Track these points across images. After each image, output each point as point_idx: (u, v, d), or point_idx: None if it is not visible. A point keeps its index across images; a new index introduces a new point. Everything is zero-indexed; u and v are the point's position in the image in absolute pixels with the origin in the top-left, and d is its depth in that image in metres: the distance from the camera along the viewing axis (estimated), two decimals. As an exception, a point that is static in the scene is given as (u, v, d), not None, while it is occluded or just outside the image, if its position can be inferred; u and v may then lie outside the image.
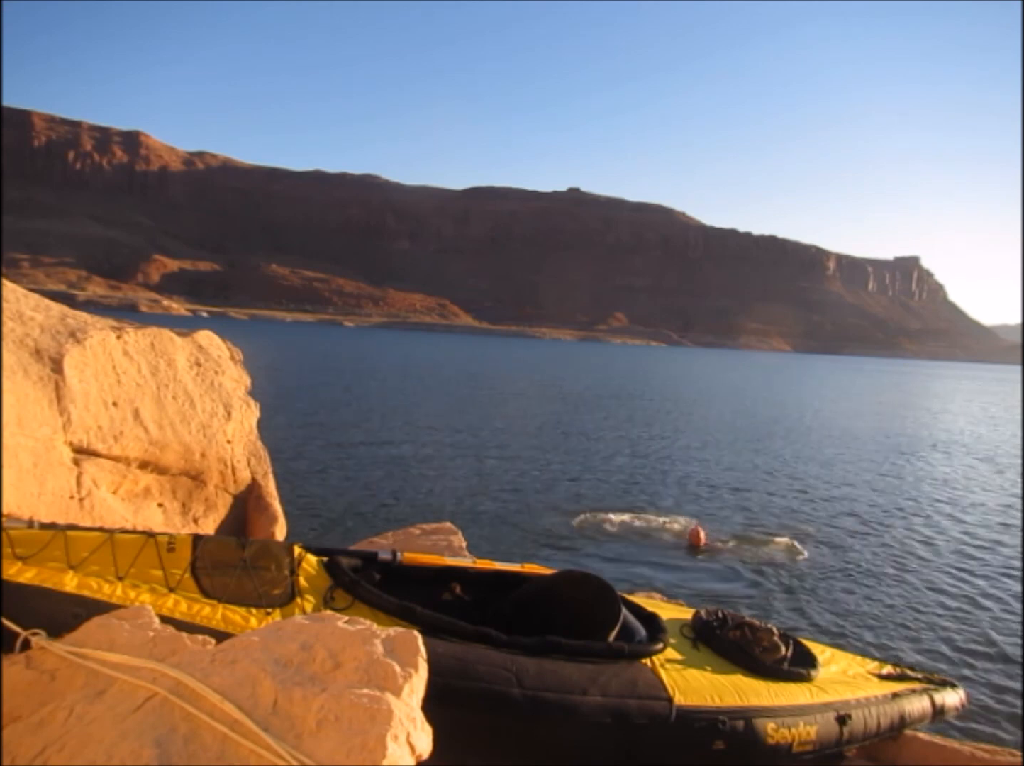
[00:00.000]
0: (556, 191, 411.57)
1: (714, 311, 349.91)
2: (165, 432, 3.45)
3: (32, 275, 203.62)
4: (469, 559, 3.04)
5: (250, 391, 4.24)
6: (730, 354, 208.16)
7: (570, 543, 10.83)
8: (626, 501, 13.88)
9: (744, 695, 2.59)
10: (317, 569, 2.30)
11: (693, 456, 20.08)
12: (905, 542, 12.23)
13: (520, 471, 16.16)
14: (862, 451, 23.25)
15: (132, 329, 3.60)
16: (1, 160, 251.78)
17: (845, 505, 14.84)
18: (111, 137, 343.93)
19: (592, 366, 77.89)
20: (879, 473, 19.15)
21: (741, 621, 2.93)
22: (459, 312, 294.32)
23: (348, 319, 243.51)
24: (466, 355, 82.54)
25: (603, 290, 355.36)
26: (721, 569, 10.06)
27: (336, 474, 14.39)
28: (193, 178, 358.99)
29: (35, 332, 3.11)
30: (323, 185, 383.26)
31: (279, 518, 4.00)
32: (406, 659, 1.42)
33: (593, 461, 18.22)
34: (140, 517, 3.29)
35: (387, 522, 10.47)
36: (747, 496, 15.10)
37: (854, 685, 2.99)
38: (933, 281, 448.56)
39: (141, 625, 1.66)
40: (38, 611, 1.78)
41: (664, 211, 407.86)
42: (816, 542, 11.75)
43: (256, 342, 43.84)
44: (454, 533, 5.22)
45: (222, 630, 1.93)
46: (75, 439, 3.01)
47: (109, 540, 2.05)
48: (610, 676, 2.35)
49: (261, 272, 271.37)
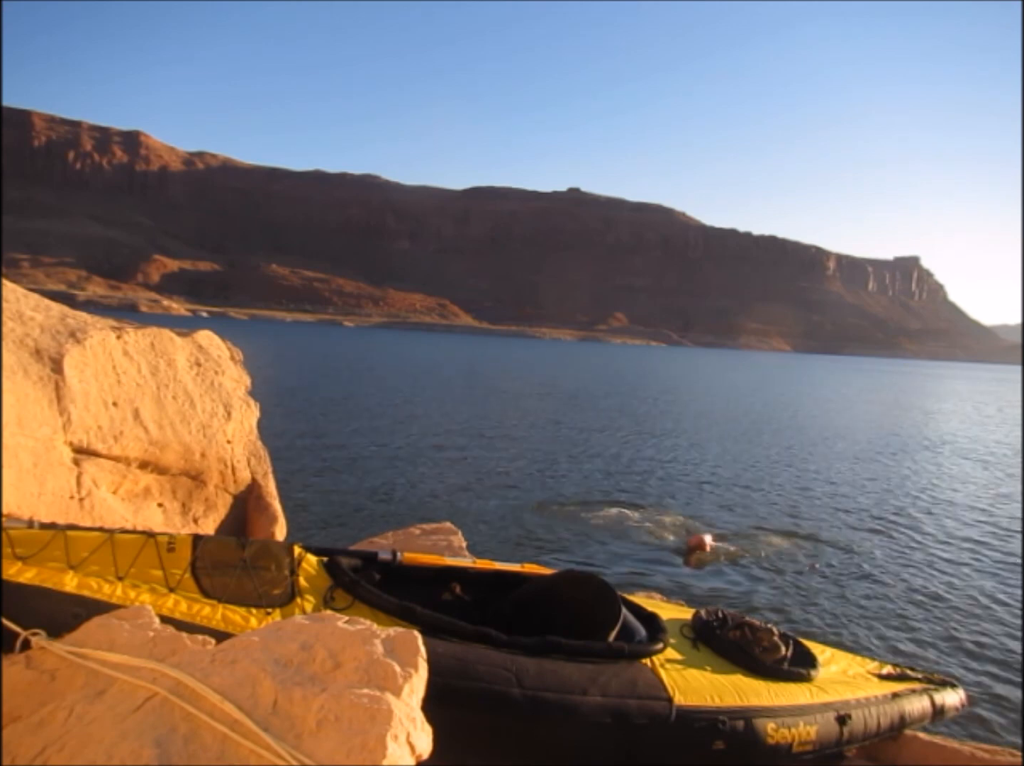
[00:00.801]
0: (556, 191, 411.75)
1: (714, 311, 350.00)
2: (165, 432, 3.45)
3: (32, 275, 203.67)
4: (469, 559, 3.04)
5: (250, 391, 4.24)
6: (730, 354, 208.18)
7: (570, 543, 10.83)
8: (627, 501, 13.87)
9: (744, 695, 2.60)
10: (317, 569, 2.30)
11: (693, 456, 20.08)
12: (904, 541, 12.23)
13: (520, 471, 16.17)
14: (861, 451, 23.26)
15: (132, 329, 3.60)
16: (1, 160, 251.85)
17: (843, 505, 14.84)
18: (111, 137, 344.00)
19: (592, 366, 77.90)
20: (878, 473, 19.16)
21: (741, 621, 2.93)
22: (459, 312, 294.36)
23: (348, 319, 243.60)
24: (466, 355, 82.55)
25: (603, 290, 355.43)
26: (721, 570, 10.05)
27: (336, 474, 14.39)
28: (193, 178, 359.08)
29: (35, 332, 3.11)
30: (323, 185, 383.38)
31: (279, 518, 4.00)
32: (406, 659, 1.42)
33: (594, 461, 18.22)
34: (140, 517, 3.29)
35: (387, 522, 10.46)
36: (745, 494, 15.10)
37: (854, 685, 2.99)
38: (933, 281, 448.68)
39: (141, 625, 1.66)
40: (38, 611, 1.78)
41: (664, 211, 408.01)
42: (814, 543, 11.75)
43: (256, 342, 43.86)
44: (454, 533, 5.22)
45: (222, 630, 1.93)
46: (75, 439, 3.01)
47: (109, 540, 2.05)
48: (610, 676, 2.35)
49: (261, 272, 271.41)
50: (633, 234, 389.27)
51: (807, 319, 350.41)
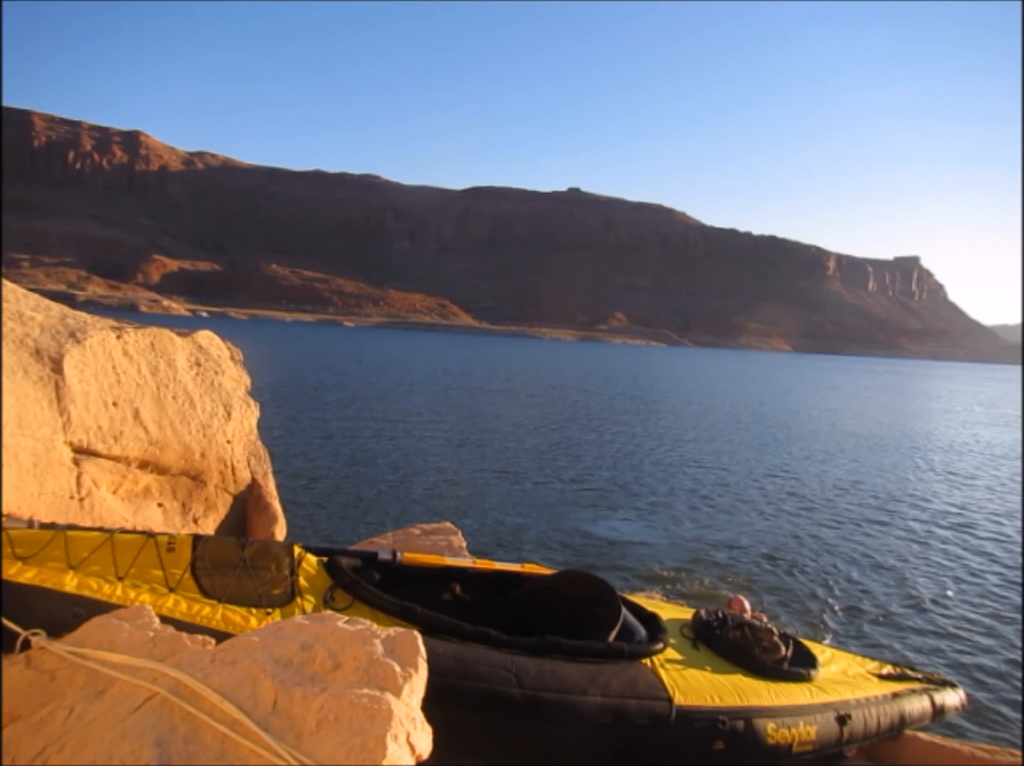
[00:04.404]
0: (556, 191, 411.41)
1: (714, 311, 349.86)
2: (165, 432, 3.45)
3: (32, 275, 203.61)
4: (469, 559, 3.04)
5: (250, 391, 4.24)
6: (729, 354, 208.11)
7: (570, 543, 10.83)
8: (627, 500, 13.88)
9: (744, 695, 2.59)
10: (317, 569, 2.30)
11: (693, 455, 20.07)
12: (904, 541, 12.23)
13: (521, 471, 16.16)
14: (858, 450, 23.26)
15: (132, 329, 3.60)
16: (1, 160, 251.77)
17: (841, 504, 14.84)
18: (111, 137, 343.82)
19: (592, 366, 77.88)
20: (876, 472, 19.16)
21: (741, 621, 2.93)
22: (459, 312, 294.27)
23: (348, 319, 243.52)
24: (466, 355, 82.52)
25: (603, 290, 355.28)
26: (721, 570, 10.05)
27: (336, 474, 14.38)
28: (193, 178, 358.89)
29: (35, 332, 3.11)
30: (323, 185, 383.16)
31: (279, 518, 4.00)
32: (406, 659, 1.42)
33: (594, 460, 18.22)
34: (140, 517, 3.29)
35: (387, 522, 10.46)
36: (740, 493, 15.10)
37: (854, 685, 2.99)
38: (933, 281, 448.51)
39: (141, 625, 1.66)
40: (38, 611, 1.78)
41: (664, 211, 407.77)
42: (813, 542, 11.75)
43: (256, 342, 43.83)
44: (454, 533, 5.22)
45: (222, 630, 1.93)
46: (75, 439, 3.00)
47: (109, 540, 2.05)
48: (610, 676, 2.35)
49: (261, 272, 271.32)
50: (633, 234, 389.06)
51: (807, 319, 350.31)
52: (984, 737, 5.63)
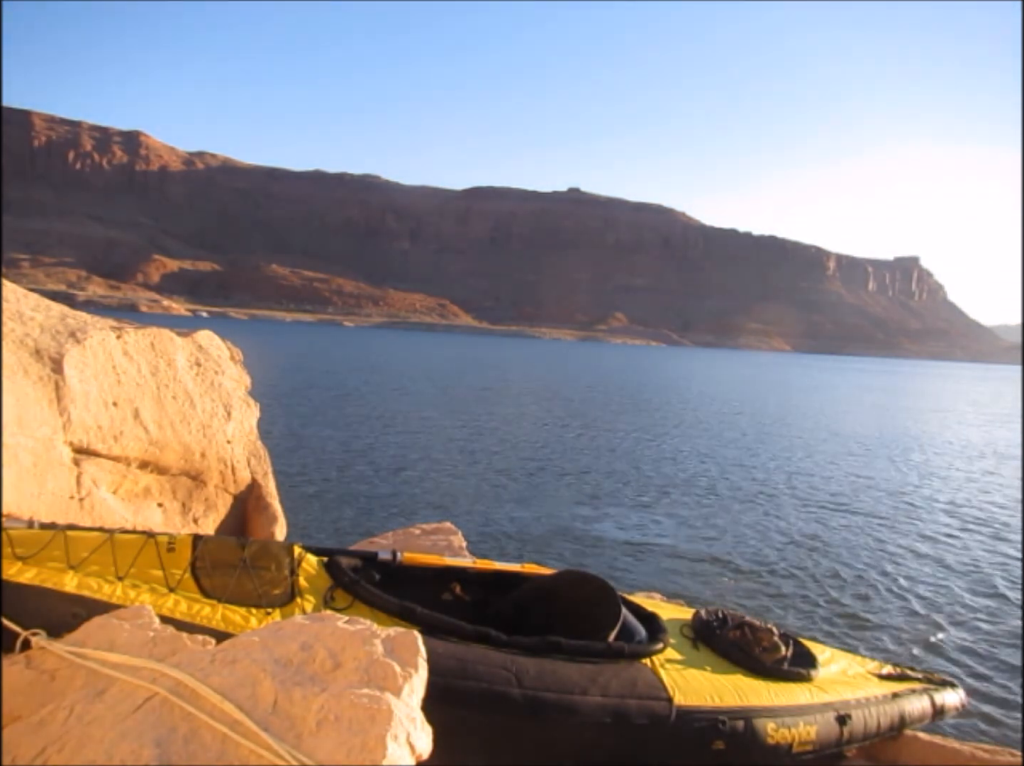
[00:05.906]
0: (556, 191, 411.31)
1: (714, 311, 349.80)
2: (165, 432, 3.45)
3: (32, 275, 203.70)
4: (469, 559, 3.04)
5: (250, 391, 4.24)
6: (729, 354, 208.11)
7: (570, 543, 10.83)
8: (627, 500, 13.88)
9: (744, 695, 2.59)
10: (317, 569, 2.30)
11: (694, 455, 20.08)
12: (903, 541, 12.23)
13: (521, 471, 16.17)
14: (855, 450, 23.26)
15: (132, 329, 3.60)
16: (1, 160, 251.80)
17: (840, 504, 14.84)
18: (111, 137, 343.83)
19: (593, 366, 77.89)
20: (875, 472, 19.16)
21: (741, 621, 2.93)
22: (459, 312, 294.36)
23: (348, 319, 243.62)
24: (466, 355, 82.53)
25: (603, 290, 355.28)
26: (721, 570, 10.06)
27: (336, 474, 14.39)
28: (193, 178, 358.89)
29: (35, 332, 3.11)
30: (323, 185, 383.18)
31: (279, 518, 4.00)
32: (406, 659, 1.42)
33: (594, 460, 18.22)
34: (140, 517, 3.29)
35: (387, 522, 10.47)
36: (741, 494, 15.10)
37: (854, 685, 2.99)
38: (933, 281, 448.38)
39: (141, 625, 1.66)
40: (38, 611, 1.78)
41: (664, 211, 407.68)
42: (812, 543, 11.75)
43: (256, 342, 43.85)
44: (454, 533, 5.21)
45: (222, 630, 1.93)
46: (75, 439, 3.00)
47: (109, 540, 2.05)
48: (610, 676, 2.35)
49: (261, 272, 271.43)
50: (633, 234, 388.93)
51: (807, 319, 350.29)
52: (984, 737, 5.63)
